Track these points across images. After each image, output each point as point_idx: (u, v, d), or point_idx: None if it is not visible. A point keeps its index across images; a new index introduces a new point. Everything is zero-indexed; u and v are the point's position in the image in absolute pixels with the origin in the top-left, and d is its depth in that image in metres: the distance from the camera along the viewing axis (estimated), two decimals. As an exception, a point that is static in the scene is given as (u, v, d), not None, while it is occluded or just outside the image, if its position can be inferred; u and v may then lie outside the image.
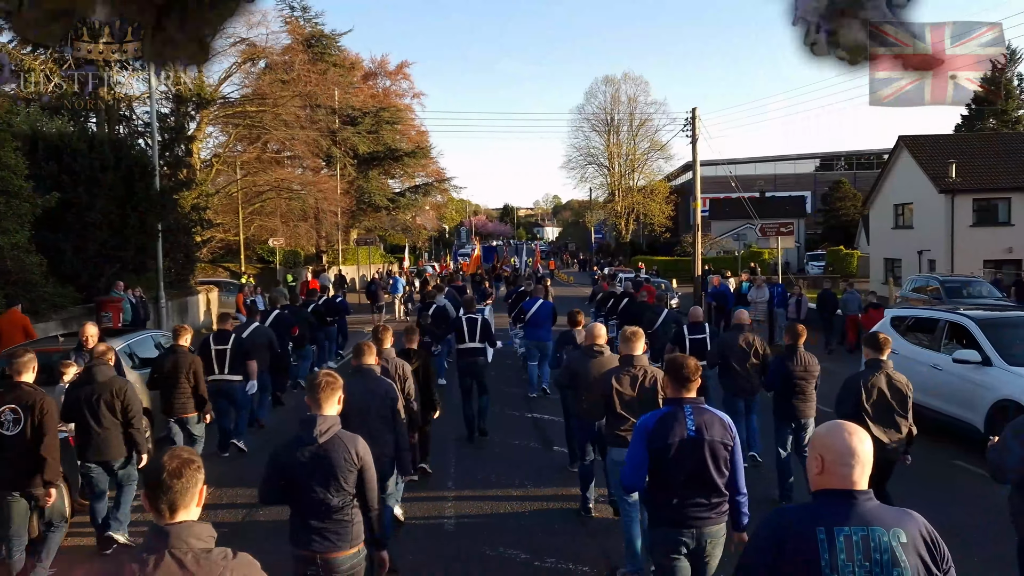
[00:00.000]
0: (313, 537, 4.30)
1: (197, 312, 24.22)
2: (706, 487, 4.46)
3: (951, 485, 8.90)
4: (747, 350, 9.07)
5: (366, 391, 6.08)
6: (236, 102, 34.86)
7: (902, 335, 11.46)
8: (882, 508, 2.72)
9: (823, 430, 2.85)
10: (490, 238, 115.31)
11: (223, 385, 10.00)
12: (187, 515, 2.61)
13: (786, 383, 7.95)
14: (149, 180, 18.96)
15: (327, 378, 4.50)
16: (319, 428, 4.32)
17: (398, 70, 60.35)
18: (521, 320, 14.95)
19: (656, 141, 71.28)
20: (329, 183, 40.34)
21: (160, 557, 2.47)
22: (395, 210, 52.22)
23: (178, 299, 22.77)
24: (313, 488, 4.29)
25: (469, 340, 11.24)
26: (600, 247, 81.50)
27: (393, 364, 7.41)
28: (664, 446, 4.40)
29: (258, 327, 11.82)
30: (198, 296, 24.36)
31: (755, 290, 19.92)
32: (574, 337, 9.84)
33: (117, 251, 18.24)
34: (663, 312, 13.46)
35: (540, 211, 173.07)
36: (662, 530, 4.57)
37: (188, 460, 2.65)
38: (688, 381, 4.57)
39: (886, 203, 37.50)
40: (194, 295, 24.03)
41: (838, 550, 2.58)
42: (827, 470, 2.73)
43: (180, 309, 22.86)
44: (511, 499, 8.48)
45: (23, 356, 6.13)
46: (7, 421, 5.87)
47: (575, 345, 9.52)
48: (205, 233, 25.70)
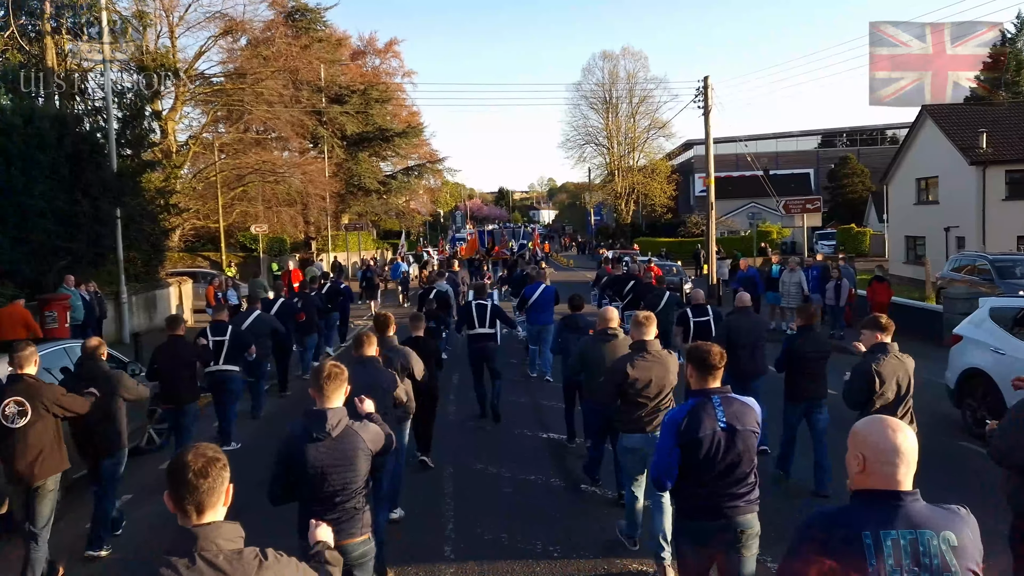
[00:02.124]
0: None
1: (168, 307, 22.01)
2: (739, 477, 4.34)
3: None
4: (751, 333, 8.97)
5: (369, 382, 5.91)
6: (213, 78, 32.54)
7: (1009, 330, 9.33)
8: (930, 509, 2.54)
9: (862, 426, 2.67)
10: (485, 222, 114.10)
11: (220, 375, 10.09)
12: (214, 515, 2.52)
13: (796, 364, 7.88)
14: (100, 161, 16.67)
15: (334, 369, 4.42)
16: (331, 422, 4.23)
17: (387, 48, 58.25)
18: (524, 305, 14.67)
19: (657, 119, 68.98)
20: (315, 165, 38.03)
21: (191, 560, 2.39)
22: (386, 194, 49.86)
23: (144, 293, 20.56)
24: (328, 482, 4.24)
25: (479, 326, 11.12)
26: (599, 229, 79.18)
27: (398, 353, 7.28)
28: (696, 439, 4.26)
29: (260, 315, 11.89)
30: (168, 289, 22.14)
31: (788, 273, 17.58)
32: (576, 322, 9.82)
33: (67, 242, 15.99)
34: (665, 295, 13.55)
35: (535, 194, 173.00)
36: (693, 522, 4.42)
37: (214, 458, 2.56)
38: (714, 369, 4.42)
39: (907, 177, 35.30)
40: (163, 288, 21.80)
41: (885, 555, 2.45)
42: (868, 469, 2.58)
43: (147, 304, 20.66)
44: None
45: (24, 349, 6.17)
46: (12, 414, 5.91)
47: (576, 329, 9.52)
48: (174, 220, 23.35)
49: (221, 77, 33.58)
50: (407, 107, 59.58)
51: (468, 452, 9.52)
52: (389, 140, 47.57)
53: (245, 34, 37.08)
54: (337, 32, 48.65)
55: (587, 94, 71.09)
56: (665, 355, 6.28)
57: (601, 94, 70.48)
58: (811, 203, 24.51)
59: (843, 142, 76.66)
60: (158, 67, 22.04)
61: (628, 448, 6.19)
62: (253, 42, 37.15)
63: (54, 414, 6.09)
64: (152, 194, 20.45)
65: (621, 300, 15.47)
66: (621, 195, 69.09)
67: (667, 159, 72.22)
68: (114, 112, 18.25)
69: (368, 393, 5.37)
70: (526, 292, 14.30)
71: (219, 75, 33.35)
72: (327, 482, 4.23)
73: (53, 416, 6.09)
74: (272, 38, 36.23)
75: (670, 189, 67.77)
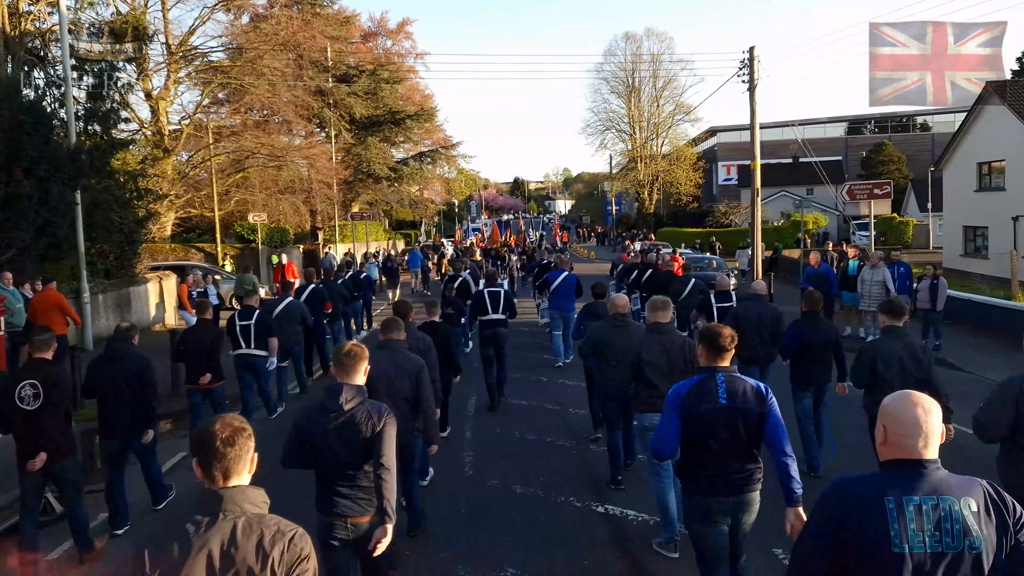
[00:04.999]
0: (341, 502, 4.33)
1: (144, 306, 19.34)
2: (739, 455, 4.43)
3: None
4: (761, 319, 8.98)
5: (395, 366, 6.09)
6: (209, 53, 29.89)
7: None
8: (952, 477, 2.61)
9: (889, 400, 2.76)
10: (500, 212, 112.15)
11: (249, 359, 10.37)
12: (240, 481, 2.64)
13: (803, 350, 8.04)
14: (47, 135, 13.95)
15: (354, 348, 4.53)
16: (345, 396, 4.33)
17: (399, 29, 55.48)
18: (546, 291, 15.11)
19: (682, 103, 65.74)
20: (320, 149, 35.28)
21: (214, 519, 2.53)
22: (397, 181, 46.96)
23: (115, 291, 17.90)
24: (339, 454, 4.31)
25: (492, 312, 11.45)
26: (620, 219, 76.05)
27: (416, 338, 7.40)
28: (696, 414, 4.39)
29: (292, 302, 12.20)
30: (146, 286, 19.46)
31: (869, 270, 14.74)
32: (598, 309, 10.02)
33: (6, 231, 13.33)
34: (690, 282, 13.74)
35: (551, 184, 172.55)
36: (696, 498, 4.55)
37: (240, 428, 2.68)
38: (723, 350, 4.50)
39: (966, 162, 32.17)
40: (139, 285, 19.12)
41: (908, 519, 2.51)
42: (890, 441, 2.66)
43: (118, 303, 18.00)
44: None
45: (43, 335, 6.39)
46: (28, 396, 6.09)
47: (598, 317, 9.59)
48: (155, 207, 20.62)
49: (219, 51, 30.90)
50: (420, 91, 56.88)
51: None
52: (400, 123, 44.65)
53: (245, 10, 34.42)
54: (345, 10, 45.93)
55: (608, 77, 68.11)
56: (679, 336, 6.59)
57: (623, 77, 67.41)
58: (879, 187, 21.43)
59: (872, 128, 73.61)
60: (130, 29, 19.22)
61: (647, 427, 6.27)
62: (255, 19, 34.48)
63: (61, 399, 6.29)
64: (124, 177, 17.72)
65: (640, 289, 15.51)
66: (644, 183, 66.01)
67: (692, 144, 69.03)
68: (72, 77, 15.50)
69: (392, 375, 5.96)
70: (549, 277, 14.68)
71: (215, 49, 30.64)
72: (338, 456, 4.31)
73: (63, 401, 6.31)
74: (274, 14, 33.54)
75: (696, 177, 64.58)
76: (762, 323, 8.94)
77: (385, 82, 42.49)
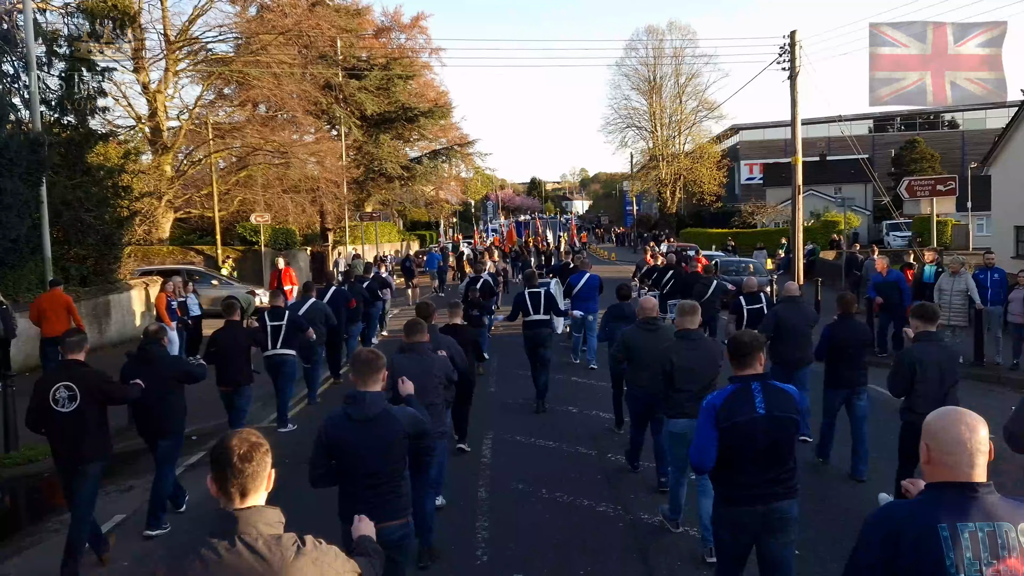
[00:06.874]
0: (363, 509, 4.04)
1: (125, 314, 17.56)
2: (776, 464, 4.35)
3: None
4: (800, 322, 8.95)
5: (421, 369, 6.06)
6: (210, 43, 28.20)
7: None
8: (1005, 501, 2.45)
9: (931, 417, 2.60)
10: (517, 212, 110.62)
11: (278, 359, 10.43)
12: (256, 499, 2.54)
13: (835, 351, 8.02)
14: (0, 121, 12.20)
15: (371, 355, 4.51)
16: (367, 404, 4.32)
17: (414, 23, 53.57)
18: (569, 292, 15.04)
19: (706, 100, 63.53)
20: (328, 146, 33.48)
21: (231, 543, 2.42)
22: (411, 180, 45.06)
23: (92, 299, 16.12)
24: (364, 463, 4.31)
25: (534, 313, 11.43)
26: (640, 219, 73.91)
27: (439, 341, 7.26)
28: (733, 425, 4.29)
29: (315, 303, 12.14)
30: (129, 293, 17.68)
31: (948, 277, 12.75)
32: (622, 311, 10.34)
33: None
34: (712, 283, 13.79)
35: (568, 184, 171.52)
36: (731, 508, 4.42)
37: (257, 443, 2.57)
38: (749, 358, 4.43)
39: (1018, 158, 29.91)
40: (121, 292, 17.33)
41: (963, 547, 2.36)
42: (934, 459, 2.53)
43: (96, 313, 16.22)
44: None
45: (75, 336, 6.38)
46: (62, 398, 6.03)
47: (623, 318, 9.93)
48: (138, 205, 18.80)
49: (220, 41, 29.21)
50: (435, 87, 54.99)
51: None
52: (414, 120, 42.73)
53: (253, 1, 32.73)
54: (359, 2, 44.18)
55: (629, 73, 66.01)
56: (708, 342, 6.74)
57: (645, 73, 65.31)
58: (943, 183, 19.34)
59: (898, 126, 71.26)
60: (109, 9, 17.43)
61: (674, 433, 6.36)
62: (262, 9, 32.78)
63: (98, 400, 6.18)
64: (102, 173, 15.96)
65: (660, 289, 15.40)
66: (667, 182, 63.87)
67: (716, 142, 66.85)
68: (36, 56, 13.71)
69: (419, 378, 5.73)
70: (571, 280, 14.55)
71: (216, 39, 28.92)
72: (364, 464, 4.30)
73: (98, 402, 6.20)
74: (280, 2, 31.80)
75: (720, 176, 62.36)
76: (801, 325, 9.00)
77: (398, 77, 40.63)
